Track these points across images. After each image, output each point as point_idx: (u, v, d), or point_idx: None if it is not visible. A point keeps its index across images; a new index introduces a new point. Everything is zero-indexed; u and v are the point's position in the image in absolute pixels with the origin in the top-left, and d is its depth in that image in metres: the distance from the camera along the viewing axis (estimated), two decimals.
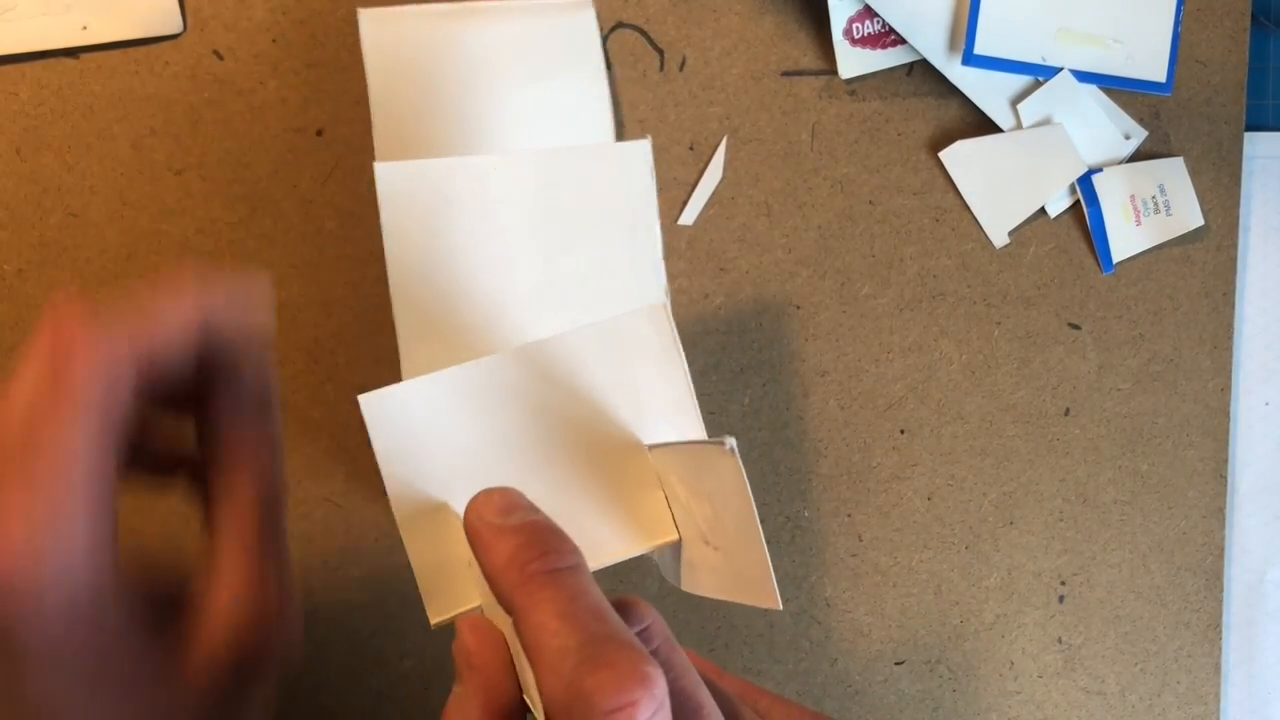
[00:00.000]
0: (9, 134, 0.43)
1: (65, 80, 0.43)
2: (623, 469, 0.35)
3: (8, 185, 0.43)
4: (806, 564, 0.47)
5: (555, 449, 0.35)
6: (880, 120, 0.47)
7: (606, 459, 0.35)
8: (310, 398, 0.44)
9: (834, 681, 0.48)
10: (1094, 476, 0.49)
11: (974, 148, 0.47)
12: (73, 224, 0.43)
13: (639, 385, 0.35)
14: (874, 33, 0.45)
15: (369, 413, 0.33)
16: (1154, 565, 0.49)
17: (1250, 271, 0.50)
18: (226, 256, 0.44)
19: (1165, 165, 0.48)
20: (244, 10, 0.43)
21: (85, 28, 0.42)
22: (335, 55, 0.44)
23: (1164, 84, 0.47)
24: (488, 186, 0.39)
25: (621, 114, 0.45)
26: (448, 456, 0.34)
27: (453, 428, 0.34)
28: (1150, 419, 0.49)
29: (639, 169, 0.40)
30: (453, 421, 0.34)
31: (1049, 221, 0.48)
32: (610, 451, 0.35)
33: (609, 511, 0.35)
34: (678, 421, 0.35)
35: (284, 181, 0.44)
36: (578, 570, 0.26)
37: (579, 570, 0.26)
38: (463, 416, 0.34)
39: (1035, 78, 0.46)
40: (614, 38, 0.45)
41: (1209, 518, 0.50)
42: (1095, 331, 0.48)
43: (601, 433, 0.35)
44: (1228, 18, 0.48)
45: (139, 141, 0.43)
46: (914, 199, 0.47)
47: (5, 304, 0.43)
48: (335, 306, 0.44)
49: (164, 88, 0.43)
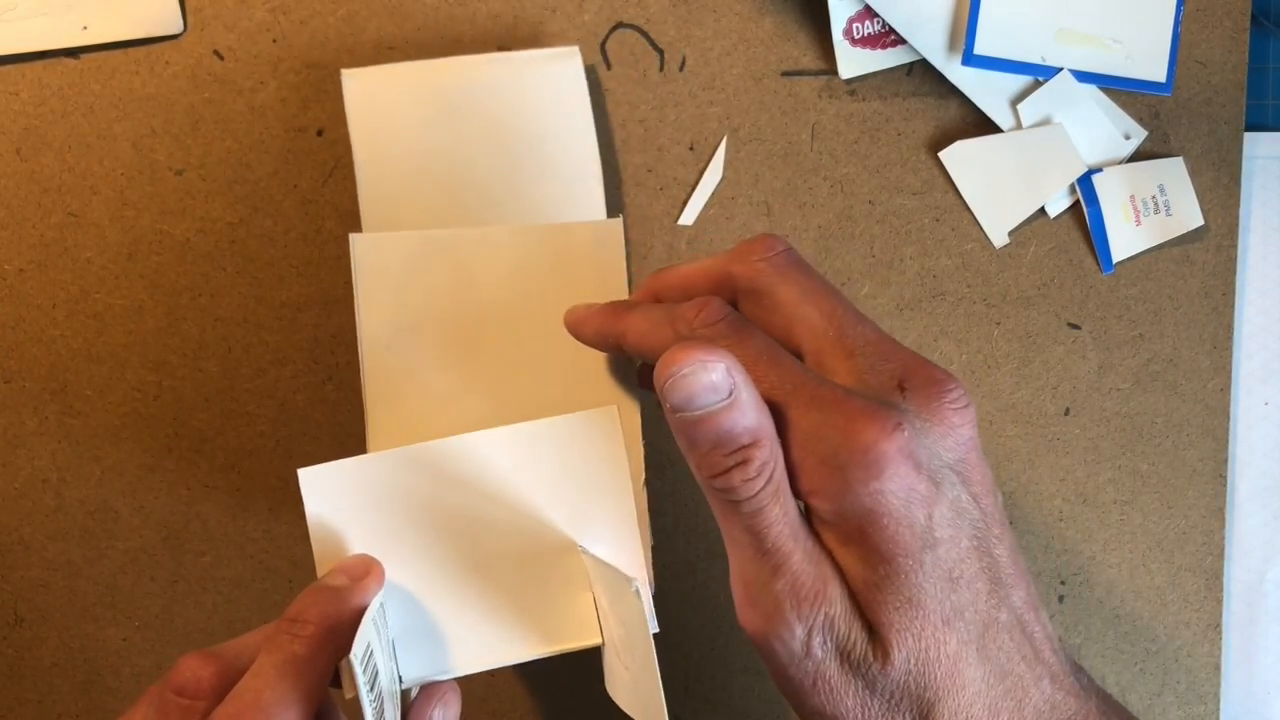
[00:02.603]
0: (9, 134, 0.43)
1: (66, 80, 0.43)
2: (555, 567, 0.35)
3: (8, 185, 0.43)
4: None
5: (488, 539, 0.35)
6: (880, 120, 0.47)
7: (540, 555, 0.35)
8: (310, 398, 0.45)
9: None
10: (1093, 476, 0.49)
11: (974, 148, 0.47)
12: (73, 224, 0.43)
13: (583, 486, 0.35)
14: (874, 33, 0.45)
15: (306, 487, 0.34)
16: (1154, 565, 0.49)
17: (1250, 271, 0.50)
18: (227, 256, 0.44)
19: (1165, 165, 0.48)
20: (244, 10, 0.43)
21: (86, 28, 0.42)
22: (335, 55, 0.44)
23: (1164, 84, 0.47)
24: (463, 259, 0.39)
25: (621, 116, 0.45)
26: (377, 535, 0.34)
27: (388, 508, 0.34)
28: (1150, 419, 0.49)
29: (611, 246, 0.40)
30: (389, 502, 0.34)
31: (1049, 221, 0.48)
32: (545, 549, 0.35)
33: (534, 607, 0.35)
34: (616, 528, 0.35)
35: (284, 181, 0.44)
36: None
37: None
38: (400, 498, 0.34)
39: (1035, 78, 0.46)
40: (614, 38, 0.45)
41: (1209, 517, 0.50)
42: (1095, 331, 0.48)
43: (538, 529, 0.35)
44: (1228, 18, 0.48)
45: (139, 141, 0.43)
46: (914, 199, 0.47)
47: (5, 304, 0.44)
48: (335, 306, 0.44)
49: (164, 88, 0.43)
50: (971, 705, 0.28)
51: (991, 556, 0.29)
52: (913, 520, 0.27)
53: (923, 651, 0.27)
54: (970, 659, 0.28)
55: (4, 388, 0.44)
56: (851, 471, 0.27)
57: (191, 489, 0.44)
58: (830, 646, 0.28)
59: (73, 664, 0.45)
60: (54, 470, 0.44)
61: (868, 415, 0.27)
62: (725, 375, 0.27)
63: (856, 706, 0.28)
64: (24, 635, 0.45)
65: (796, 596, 0.28)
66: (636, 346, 0.33)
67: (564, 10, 0.44)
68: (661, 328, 0.32)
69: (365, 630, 0.30)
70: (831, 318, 0.30)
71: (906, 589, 0.27)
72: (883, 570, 0.27)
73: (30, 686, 0.45)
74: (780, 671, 0.29)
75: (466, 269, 0.39)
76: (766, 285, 0.31)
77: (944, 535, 0.28)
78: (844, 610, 0.28)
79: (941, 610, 0.28)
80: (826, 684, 0.28)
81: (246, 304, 0.44)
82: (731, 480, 0.27)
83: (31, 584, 0.44)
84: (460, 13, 0.44)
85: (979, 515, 0.29)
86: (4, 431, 0.44)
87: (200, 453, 0.44)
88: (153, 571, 0.45)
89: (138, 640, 0.45)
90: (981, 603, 0.28)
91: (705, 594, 0.47)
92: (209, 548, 0.45)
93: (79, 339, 0.44)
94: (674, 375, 0.27)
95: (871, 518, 0.27)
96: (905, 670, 0.28)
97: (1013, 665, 0.28)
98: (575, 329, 0.37)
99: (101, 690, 0.45)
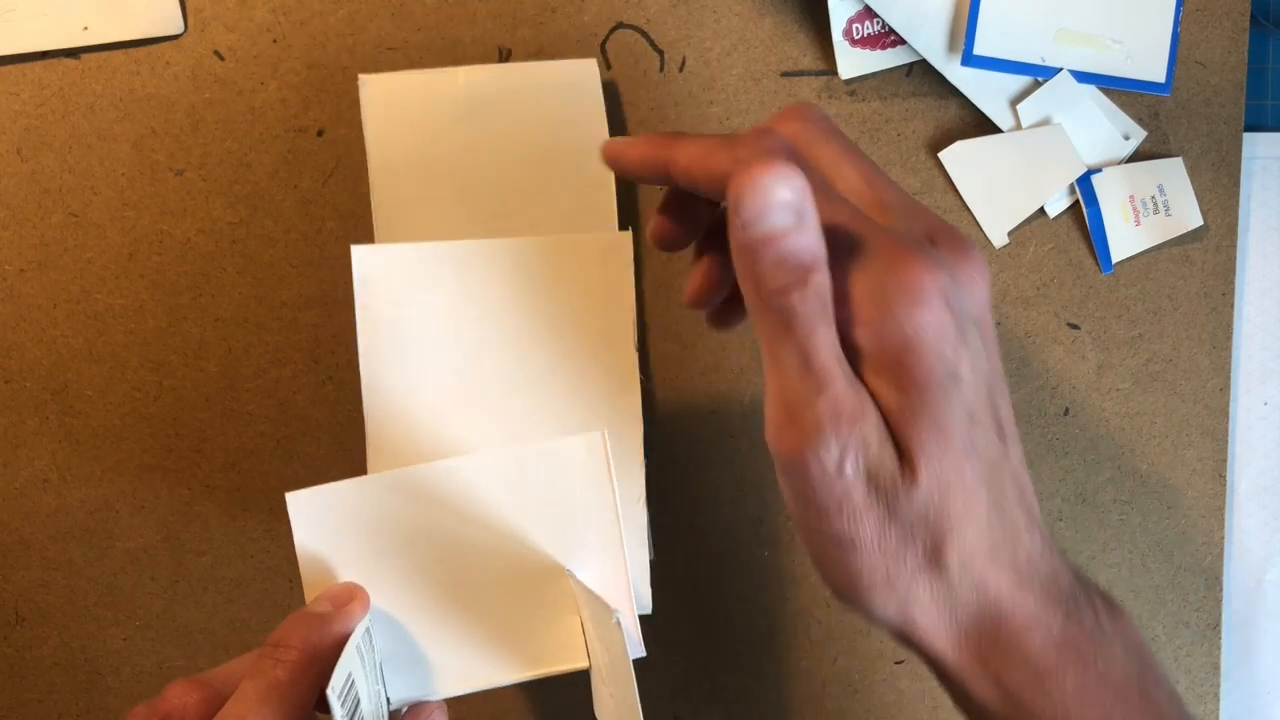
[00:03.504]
0: (10, 134, 0.43)
1: (66, 80, 0.43)
2: (543, 591, 0.35)
3: (9, 185, 0.43)
4: (806, 563, 0.47)
5: (476, 562, 0.35)
6: (880, 120, 0.47)
7: (528, 579, 0.35)
8: (310, 398, 0.45)
9: (834, 681, 0.48)
10: (1093, 476, 0.49)
11: (973, 148, 0.47)
12: (74, 224, 0.43)
13: (572, 510, 0.35)
14: (874, 33, 0.45)
15: (294, 511, 0.34)
16: (1153, 565, 0.49)
17: (1249, 271, 0.50)
18: (227, 256, 0.44)
19: (1164, 165, 0.48)
20: (245, 11, 0.43)
21: (86, 28, 0.42)
22: (335, 56, 0.44)
23: (1163, 84, 0.47)
24: (467, 272, 0.39)
25: (621, 117, 0.45)
26: (366, 558, 0.34)
27: (376, 531, 0.34)
28: (1149, 419, 0.49)
29: (620, 259, 0.40)
30: (377, 525, 0.34)
31: (1048, 221, 0.48)
32: (532, 572, 0.35)
33: (521, 630, 0.35)
34: (603, 552, 0.35)
35: (284, 181, 0.44)
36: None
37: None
38: (388, 521, 0.34)
39: (1034, 78, 0.46)
40: (614, 38, 0.45)
41: (1208, 518, 0.50)
42: (1094, 331, 0.48)
43: (526, 552, 0.35)
44: (1227, 18, 0.48)
45: (140, 142, 0.43)
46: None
47: (6, 304, 0.44)
48: (335, 306, 0.44)
49: (165, 88, 0.43)
50: (979, 538, 0.30)
51: (998, 410, 0.31)
52: (944, 354, 0.29)
53: (945, 476, 0.29)
54: (982, 494, 0.30)
55: (4, 388, 0.44)
56: (895, 301, 0.29)
57: (191, 489, 0.44)
58: (861, 468, 0.29)
59: (73, 664, 0.45)
60: (54, 470, 0.44)
61: (912, 253, 0.29)
62: (799, 194, 0.28)
63: (875, 533, 0.30)
64: (24, 635, 0.45)
65: (837, 415, 0.29)
66: (688, 171, 0.33)
67: (564, 11, 0.44)
68: (719, 151, 0.32)
69: (348, 658, 0.31)
70: (867, 178, 0.32)
71: (937, 415, 0.29)
72: (916, 396, 0.29)
73: (30, 686, 0.45)
74: (808, 493, 0.30)
75: (470, 282, 0.39)
76: (806, 144, 0.33)
77: (967, 376, 0.29)
78: (877, 433, 0.29)
79: (964, 441, 0.30)
80: (852, 506, 0.30)
81: (247, 304, 0.44)
82: (790, 299, 0.28)
83: (31, 584, 0.44)
84: (460, 13, 0.44)
85: (990, 370, 0.31)
86: (4, 431, 0.44)
87: (200, 453, 0.44)
88: (153, 571, 0.45)
89: (138, 640, 0.45)
90: (993, 447, 0.30)
91: (705, 594, 0.47)
92: (209, 548, 0.45)
93: (79, 339, 0.44)
94: (751, 187, 0.28)
95: (909, 346, 0.29)
96: (928, 492, 0.29)
97: (1011, 509, 0.31)
98: (615, 158, 0.36)
99: (101, 690, 0.45)
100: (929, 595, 0.30)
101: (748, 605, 0.47)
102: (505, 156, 0.42)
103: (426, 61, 0.44)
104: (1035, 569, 0.31)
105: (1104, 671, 0.31)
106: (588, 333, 0.40)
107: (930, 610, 0.31)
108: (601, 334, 0.40)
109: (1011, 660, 0.30)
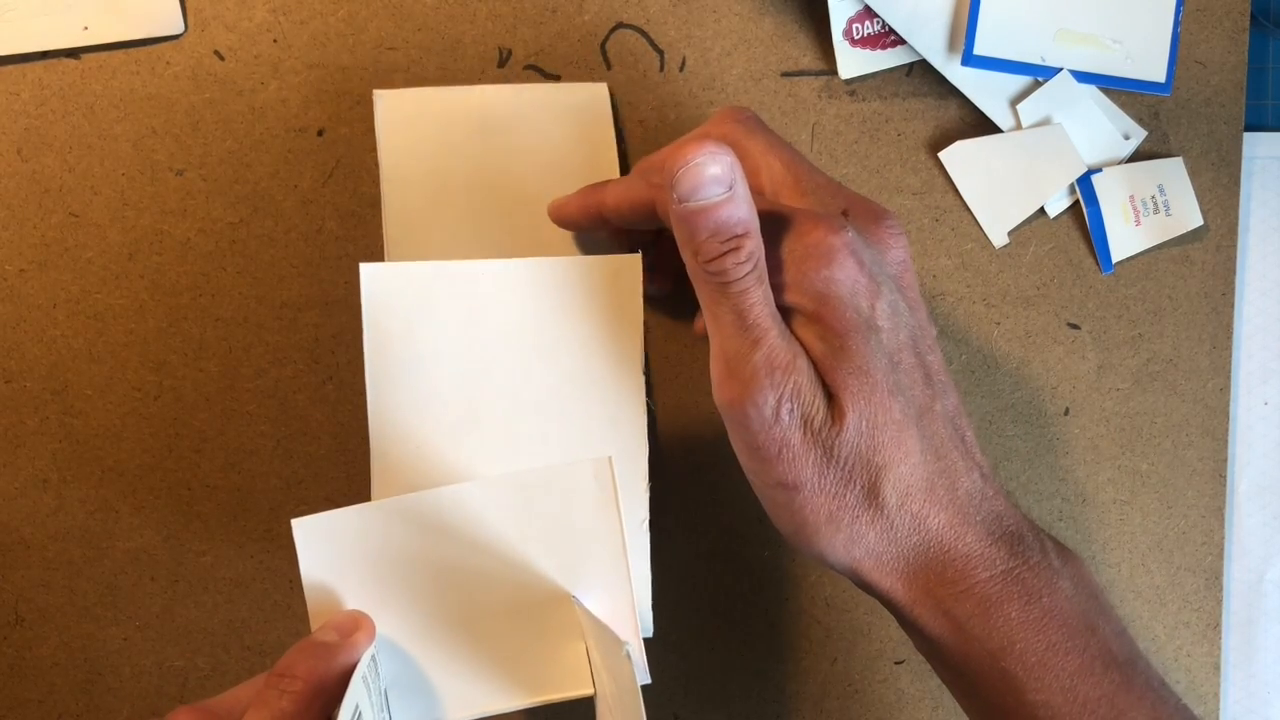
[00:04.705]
0: (10, 134, 0.43)
1: (66, 80, 0.43)
2: (548, 617, 0.35)
3: (9, 185, 0.43)
4: (806, 563, 0.47)
5: (481, 587, 0.35)
6: (880, 120, 0.47)
7: (533, 604, 0.35)
8: (310, 398, 0.45)
9: (834, 681, 0.48)
10: (1093, 476, 0.49)
11: (974, 148, 0.47)
12: (74, 224, 0.43)
13: (577, 536, 0.35)
14: (874, 33, 0.45)
15: (300, 537, 0.34)
16: (1153, 565, 0.49)
17: (1249, 271, 0.50)
18: (227, 256, 0.44)
19: (1164, 165, 0.48)
20: (245, 11, 0.43)
21: (86, 28, 0.42)
22: (336, 56, 0.44)
23: (1163, 84, 0.47)
24: (476, 291, 0.39)
25: (621, 117, 0.45)
26: (371, 584, 0.35)
27: (382, 557, 0.35)
28: (1149, 419, 0.49)
29: (629, 282, 0.40)
30: (383, 551, 0.35)
31: (1048, 221, 0.48)
32: (538, 598, 0.35)
33: (527, 656, 0.35)
34: (609, 578, 0.35)
35: (284, 181, 0.44)
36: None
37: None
38: (394, 547, 0.35)
39: (1034, 78, 0.46)
40: (614, 38, 0.45)
41: (1208, 517, 0.50)
42: (1095, 331, 0.48)
43: (532, 578, 0.35)
44: (1227, 18, 0.48)
45: (140, 142, 0.43)
46: (914, 199, 0.47)
47: (6, 304, 0.44)
48: (335, 306, 0.44)
49: (165, 88, 0.43)
50: (913, 474, 0.32)
51: (924, 360, 0.34)
52: (858, 305, 0.32)
53: (872, 413, 0.32)
54: (911, 430, 0.32)
55: (4, 388, 0.44)
56: (807, 262, 0.32)
57: (191, 489, 0.44)
58: (796, 414, 0.32)
59: (73, 664, 0.45)
60: (54, 470, 0.44)
61: (823, 222, 0.32)
62: (729, 169, 0.31)
63: (815, 475, 0.32)
64: (24, 635, 0.45)
65: (771, 365, 0.32)
66: (617, 208, 0.38)
67: (564, 10, 0.44)
68: (636, 182, 0.37)
69: (354, 690, 0.31)
70: (790, 166, 0.36)
71: (858, 359, 0.32)
72: (836, 343, 0.32)
73: (30, 686, 0.45)
74: (750, 441, 0.33)
75: (479, 301, 0.39)
76: (736, 141, 0.36)
77: (885, 325, 0.32)
78: (809, 380, 0.32)
79: (887, 382, 0.32)
80: (790, 451, 0.32)
81: (246, 304, 0.44)
82: (725, 264, 0.31)
83: (31, 584, 0.44)
84: (460, 13, 0.44)
85: (914, 323, 0.34)
86: (4, 431, 0.44)
87: (200, 453, 0.44)
88: (153, 571, 0.45)
89: (138, 640, 0.45)
90: (919, 390, 0.33)
91: (705, 594, 0.47)
92: (209, 548, 0.45)
93: (79, 339, 0.44)
94: (685, 165, 0.31)
95: (824, 299, 0.32)
96: (858, 430, 0.32)
97: (947, 451, 0.33)
98: (558, 214, 0.41)
99: (101, 690, 0.45)
100: (872, 532, 0.32)
101: (748, 605, 0.47)
102: (516, 176, 0.42)
103: (426, 61, 0.44)
104: (976, 507, 0.33)
105: (1049, 605, 0.32)
106: (596, 353, 0.39)
107: (875, 548, 0.33)
108: (609, 355, 0.40)
109: (958, 592, 0.32)
